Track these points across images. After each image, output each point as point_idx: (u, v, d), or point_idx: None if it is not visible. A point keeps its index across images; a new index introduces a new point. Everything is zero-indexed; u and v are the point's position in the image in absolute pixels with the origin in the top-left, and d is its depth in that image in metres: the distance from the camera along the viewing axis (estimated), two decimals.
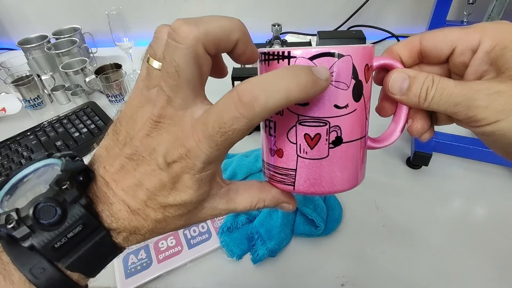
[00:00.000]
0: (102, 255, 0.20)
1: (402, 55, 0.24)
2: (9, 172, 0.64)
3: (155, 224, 0.21)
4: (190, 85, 0.18)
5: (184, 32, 0.17)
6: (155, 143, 0.19)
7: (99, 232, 0.19)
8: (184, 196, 0.20)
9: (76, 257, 0.19)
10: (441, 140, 0.59)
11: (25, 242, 0.18)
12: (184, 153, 0.18)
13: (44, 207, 0.18)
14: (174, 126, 0.19)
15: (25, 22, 1.14)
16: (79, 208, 0.19)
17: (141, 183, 0.20)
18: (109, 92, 0.76)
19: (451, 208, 0.53)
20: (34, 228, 0.18)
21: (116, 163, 0.20)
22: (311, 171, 0.23)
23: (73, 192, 0.19)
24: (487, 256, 0.46)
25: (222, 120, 0.17)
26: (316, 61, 0.20)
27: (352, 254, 0.47)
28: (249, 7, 1.03)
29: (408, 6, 0.99)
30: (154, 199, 0.20)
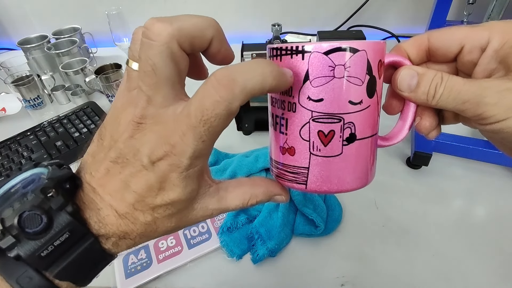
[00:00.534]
0: (92, 262, 0.20)
1: (410, 53, 0.24)
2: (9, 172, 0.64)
3: (144, 228, 0.20)
4: (169, 82, 0.18)
5: (157, 30, 0.17)
6: (138, 144, 0.19)
7: (87, 239, 0.19)
8: (172, 195, 0.19)
9: (64, 265, 0.19)
10: (441, 140, 0.59)
11: (11, 252, 0.17)
12: (169, 150, 0.18)
13: (29, 215, 0.17)
14: (156, 125, 0.19)
15: (25, 22, 1.14)
16: (65, 215, 0.18)
17: (128, 186, 0.19)
18: (109, 92, 0.76)
19: (451, 208, 0.53)
20: (19, 237, 0.17)
21: (101, 168, 0.20)
22: (324, 169, 0.22)
23: (59, 199, 0.18)
24: (487, 256, 0.46)
25: (204, 106, 0.17)
26: (332, 55, 0.20)
27: (352, 254, 0.47)
28: (249, 7, 1.03)
29: (408, 6, 0.99)
30: (142, 201, 0.19)
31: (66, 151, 0.68)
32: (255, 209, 0.52)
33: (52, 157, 0.67)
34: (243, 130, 0.69)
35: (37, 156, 0.67)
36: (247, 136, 0.70)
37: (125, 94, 0.20)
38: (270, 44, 0.23)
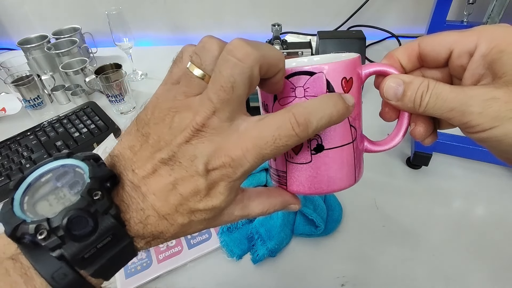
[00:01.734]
0: (124, 261, 0.21)
1: (402, 59, 0.24)
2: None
3: (179, 228, 0.21)
4: (240, 100, 0.19)
5: (246, 52, 0.18)
6: (196, 151, 0.19)
7: (124, 240, 0.19)
8: (215, 201, 0.20)
9: (99, 265, 0.19)
10: (441, 140, 0.59)
11: (54, 252, 0.17)
12: (227, 162, 0.19)
13: (77, 219, 0.17)
14: (217, 136, 0.19)
15: (25, 22, 1.14)
16: (110, 218, 0.18)
17: (175, 188, 0.20)
18: (109, 92, 0.76)
19: (451, 208, 0.53)
20: (65, 239, 0.17)
21: (147, 167, 0.20)
22: (299, 173, 0.25)
23: (105, 202, 0.18)
24: (487, 256, 0.46)
25: (279, 136, 0.19)
26: (291, 79, 0.23)
27: (352, 254, 0.47)
28: (249, 7, 1.03)
29: (408, 6, 0.99)
30: (186, 204, 0.20)
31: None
32: None
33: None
34: None
35: (37, 156, 0.67)
36: None
37: (180, 98, 0.20)
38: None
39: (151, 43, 1.15)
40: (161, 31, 1.13)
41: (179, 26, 1.12)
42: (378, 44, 1.01)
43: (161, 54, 1.08)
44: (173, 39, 1.14)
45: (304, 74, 0.23)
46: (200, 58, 0.20)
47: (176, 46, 1.12)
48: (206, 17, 1.08)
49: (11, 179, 0.63)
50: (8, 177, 0.63)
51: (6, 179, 0.63)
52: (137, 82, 0.94)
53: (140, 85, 0.92)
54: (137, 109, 0.82)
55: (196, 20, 1.09)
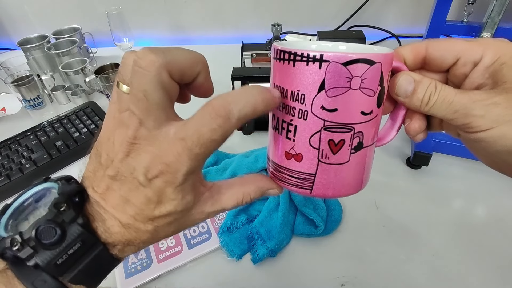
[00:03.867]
0: (101, 267, 0.22)
1: (407, 58, 0.25)
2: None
3: (146, 236, 0.22)
4: (159, 107, 0.20)
5: (149, 60, 0.19)
6: (134, 163, 0.20)
7: (96, 247, 0.21)
8: (168, 207, 0.21)
9: (77, 271, 0.20)
10: (441, 140, 0.59)
11: (30, 262, 0.19)
12: (164, 168, 0.19)
13: (44, 228, 0.19)
14: (150, 145, 0.20)
15: (25, 22, 1.14)
16: (77, 227, 0.20)
17: (128, 200, 0.21)
18: (109, 92, 0.76)
19: (451, 208, 0.53)
20: (37, 248, 0.19)
21: (102, 185, 0.21)
22: (330, 175, 0.23)
23: (71, 213, 0.20)
24: (487, 256, 0.46)
25: (201, 132, 0.19)
26: (350, 67, 0.20)
27: (352, 254, 0.47)
28: (249, 7, 1.03)
29: (408, 6, 0.99)
30: (142, 213, 0.21)
31: (66, 151, 0.68)
32: (255, 209, 0.52)
33: (52, 157, 0.67)
34: (243, 130, 0.69)
35: (37, 156, 0.67)
36: (247, 136, 0.70)
37: (116, 116, 0.21)
38: (279, 45, 0.22)
39: (151, 43, 1.15)
40: (161, 31, 1.13)
41: (179, 26, 1.12)
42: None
43: None
44: (173, 39, 1.14)
45: (364, 62, 0.20)
46: (122, 74, 0.21)
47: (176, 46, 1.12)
48: (206, 17, 1.08)
49: (11, 179, 0.63)
50: (8, 177, 0.63)
51: (6, 179, 0.63)
52: None
53: None
54: None
55: (196, 20, 1.09)
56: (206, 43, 1.12)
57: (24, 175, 0.64)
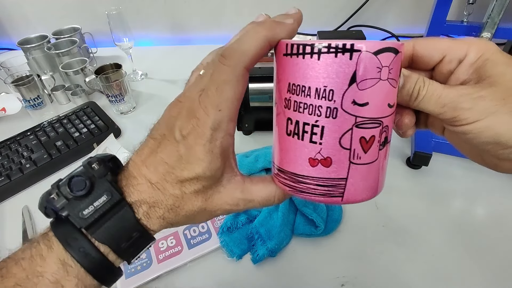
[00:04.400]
0: (126, 229, 0.22)
1: None
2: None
3: (173, 200, 0.23)
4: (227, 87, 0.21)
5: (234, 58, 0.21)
6: (174, 120, 0.22)
7: (122, 205, 0.22)
8: (197, 168, 0.21)
9: (102, 228, 0.22)
10: (441, 140, 0.59)
11: (63, 211, 0.21)
12: (195, 123, 0.21)
13: (76, 180, 0.22)
14: (190, 103, 0.22)
15: (25, 22, 1.14)
16: (105, 182, 0.22)
17: (161, 158, 0.22)
18: (109, 92, 0.76)
19: (451, 208, 0.53)
20: (68, 198, 0.21)
21: (145, 146, 0.23)
22: (362, 177, 0.21)
23: (101, 169, 0.22)
24: (486, 256, 0.46)
25: (213, 77, 0.21)
26: (380, 56, 0.19)
27: (352, 254, 0.47)
28: (249, 7, 1.03)
29: (408, 6, 0.99)
30: (172, 172, 0.22)
31: (66, 151, 0.68)
32: (255, 209, 0.52)
33: (52, 157, 0.67)
34: (243, 130, 0.69)
35: (37, 156, 0.67)
36: (247, 136, 0.70)
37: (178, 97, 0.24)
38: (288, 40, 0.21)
39: (151, 43, 1.15)
40: (161, 31, 1.13)
41: (179, 26, 1.12)
42: None
43: (161, 54, 1.08)
44: (173, 39, 1.14)
45: (391, 51, 0.19)
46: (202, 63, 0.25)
47: (176, 46, 1.12)
48: (206, 17, 1.08)
49: (11, 179, 0.63)
50: (8, 177, 0.63)
51: (6, 179, 0.63)
52: (137, 82, 0.94)
53: (140, 85, 0.92)
54: (137, 109, 0.82)
55: (196, 20, 1.09)
56: (206, 43, 1.12)
57: (24, 175, 0.64)
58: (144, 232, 0.23)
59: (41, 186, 0.64)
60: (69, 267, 0.21)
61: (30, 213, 0.57)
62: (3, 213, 0.59)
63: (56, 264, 0.21)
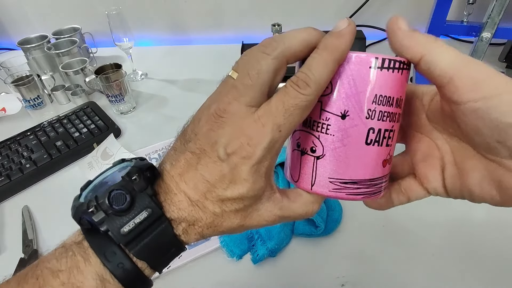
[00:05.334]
0: (165, 245, 0.22)
1: None
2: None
3: (212, 218, 0.22)
4: (263, 88, 0.20)
5: (272, 47, 0.20)
6: (217, 136, 0.21)
7: (162, 221, 0.21)
8: (241, 189, 0.21)
9: (142, 244, 0.21)
10: None
11: (102, 226, 0.20)
12: (245, 141, 0.20)
13: (116, 194, 0.20)
14: (237, 119, 0.20)
15: (25, 22, 1.14)
16: (146, 196, 0.21)
17: (202, 175, 0.21)
18: (109, 92, 0.76)
19: (451, 208, 0.53)
20: (108, 212, 0.20)
21: (181, 159, 0.22)
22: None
23: (141, 183, 0.21)
24: (486, 256, 0.46)
25: (285, 98, 0.20)
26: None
27: (352, 254, 0.47)
28: (249, 7, 1.03)
29: (408, 6, 0.99)
30: (213, 191, 0.21)
31: (66, 151, 0.68)
32: None
33: (52, 157, 0.67)
34: None
35: (37, 156, 0.67)
36: None
37: (213, 96, 0.22)
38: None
39: (151, 43, 1.15)
40: (161, 31, 1.13)
41: (179, 26, 1.12)
42: (378, 44, 1.01)
43: (161, 54, 1.08)
44: (173, 39, 1.14)
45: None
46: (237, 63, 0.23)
47: (176, 46, 1.12)
48: (206, 17, 1.08)
49: (11, 179, 0.63)
50: (8, 177, 0.63)
51: (6, 179, 0.63)
52: (137, 82, 0.94)
53: (140, 85, 0.92)
54: (137, 109, 0.82)
55: (196, 20, 1.09)
56: (206, 43, 1.12)
57: (24, 175, 0.64)
58: (181, 248, 0.23)
59: (41, 186, 0.64)
60: (108, 283, 0.21)
61: (30, 213, 0.57)
62: (3, 213, 0.59)
63: (94, 279, 0.20)
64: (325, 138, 0.22)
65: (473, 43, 0.69)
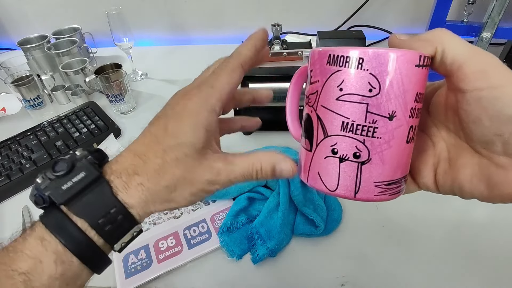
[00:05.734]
0: (103, 203, 0.23)
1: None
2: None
3: (154, 168, 0.23)
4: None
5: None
6: (171, 100, 0.25)
7: (100, 182, 0.23)
8: (181, 136, 0.23)
9: (79, 202, 0.22)
10: None
11: (45, 191, 0.22)
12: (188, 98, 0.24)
13: (59, 162, 0.23)
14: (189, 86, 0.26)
15: (25, 22, 1.14)
16: (85, 161, 0.23)
17: (149, 130, 0.25)
18: (109, 92, 0.76)
19: (451, 208, 0.53)
20: (52, 178, 0.23)
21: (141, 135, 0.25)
22: None
23: (83, 153, 0.24)
24: (486, 256, 0.46)
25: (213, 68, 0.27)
26: None
27: (352, 254, 0.47)
28: (249, 7, 1.03)
29: (408, 6, 0.99)
30: (157, 141, 0.23)
31: (66, 151, 0.68)
32: (255, 209, 0.52)
33: (52, 157, 0.67)
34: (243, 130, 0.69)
35: (37, 156, 0.67)
36: (247, 136, 0.70)
37: None
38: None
39: (151, 43, 1.15)
40: (161, 31, 1.13)
41: (179, 26, 1.12)
42: (378, 44, 1.01)
43: (161, 54, 1.08)
44: (173, 39, 1.14)
45: None
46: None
47: (176, 46, 1.12)
48: (206, 17, 1.08)
49: (11, 179, 0.63)
50: (8, 177, 0.63)
51: (6, 179, 0.63)
52: (137, 82, 0.94)
53: (140, 85, 0.92)
54: (137, 109, 0.82)
55: (196, 20, 1.09)
56: (206, 43, 1.12)
57: (24, 175, 0.64)
58: (122, 209, 0.23)
59: None
60: (47, 242, 0.22)
61: (30, 213, 0.57)
62: (3, 213, 0.59)
63: (35, 240, 0.22)
64: (372, 142, 0.21)
65: (473, 43, 0.69)
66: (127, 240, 0.24)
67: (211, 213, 0.53)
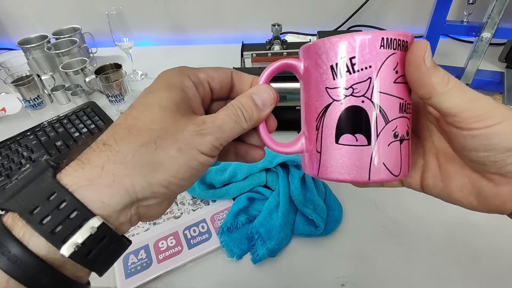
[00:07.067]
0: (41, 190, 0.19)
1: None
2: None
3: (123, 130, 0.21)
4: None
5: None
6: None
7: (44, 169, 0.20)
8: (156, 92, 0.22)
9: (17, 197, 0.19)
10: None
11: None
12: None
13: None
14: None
15: (25, 22, 1.14)
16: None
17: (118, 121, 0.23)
18: (109, 92, 0.76)
19: (451, 208, 0.53)
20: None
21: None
22: None
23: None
24: (486, 256, 0.46)
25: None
26: None
27: (352, 254, 0.47)
28: (249, 7, 1.03)
29: (408, 6, 0.99)
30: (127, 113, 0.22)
31: (66, 151, 0.68)
32: (255, 209, 0.52)
33: (52, 157, 0.67)
34: None
35: (37, 156, 0.67)
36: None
37: None
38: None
39: (151, 43, 1.15)
40: (161, 31, 1.13)
41: (179, 26, 1.12)
42: None
43: (161, 54, 1.08)
44: (173, 39, 1.14)
45: None
46: None
47: (176, 46, 1.12)
48: (206, 17, 1.08)
49: (11, 179, 0.63)
50: (8, 177, 0.63)
51: (6, 179, 0.63)
52: (137, 82, 0.94)
53: (140, 85, 0.92)
54: None
55: (196, 20, 1.09)
56: (206, 43, 1.12)
57: None
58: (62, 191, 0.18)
59: None
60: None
61: None
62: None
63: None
64: (411, 117, 0.24)
65: (473, 43, 0.69)
66: (81, 241, 0.18)
67: (211, 213, 0.53)
